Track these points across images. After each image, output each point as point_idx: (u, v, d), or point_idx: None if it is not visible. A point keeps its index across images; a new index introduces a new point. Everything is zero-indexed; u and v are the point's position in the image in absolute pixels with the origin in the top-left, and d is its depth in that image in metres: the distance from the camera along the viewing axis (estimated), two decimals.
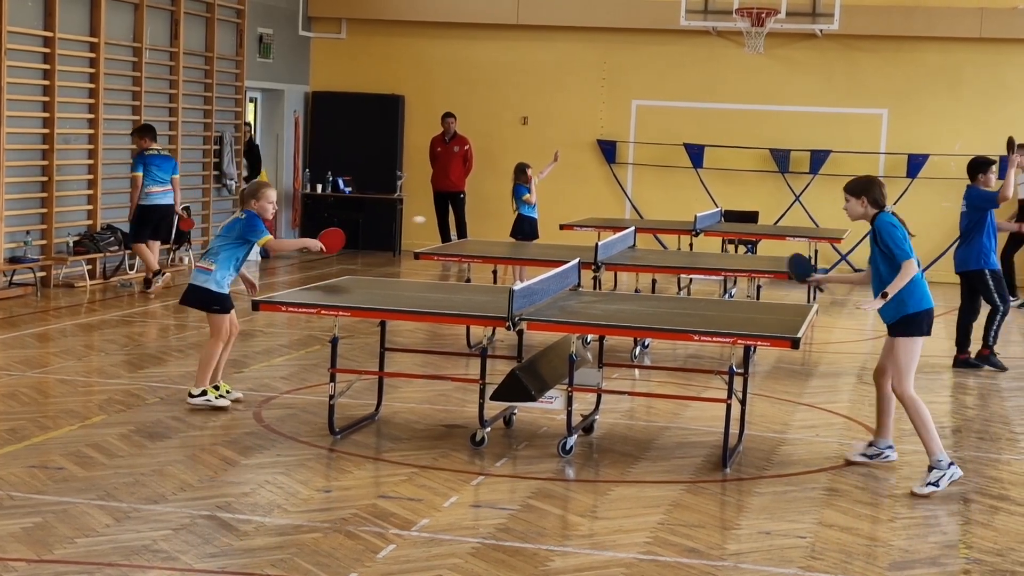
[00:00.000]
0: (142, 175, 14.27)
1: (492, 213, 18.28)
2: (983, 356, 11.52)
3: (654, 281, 12.87)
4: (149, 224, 14.49)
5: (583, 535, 6.48)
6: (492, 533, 6.35)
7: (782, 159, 19.04)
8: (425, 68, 20.18)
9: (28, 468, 7.17)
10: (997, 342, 11.52)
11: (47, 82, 14.44)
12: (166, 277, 14.62)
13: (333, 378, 8.16)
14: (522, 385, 7.85)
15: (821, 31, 18.18)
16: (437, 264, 17.64)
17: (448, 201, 19.21)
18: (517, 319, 7.60)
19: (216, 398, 8.87)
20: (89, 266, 14.99)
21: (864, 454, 7.98)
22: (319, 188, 19.99)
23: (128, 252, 15.27)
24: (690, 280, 14.00)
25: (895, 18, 18.52)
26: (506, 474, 7.55)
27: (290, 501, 6.78)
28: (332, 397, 8.16)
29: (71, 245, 14.89)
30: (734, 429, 7.95)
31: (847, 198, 7.66)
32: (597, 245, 11.15)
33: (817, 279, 8.49)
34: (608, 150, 19.64)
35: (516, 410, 8.65)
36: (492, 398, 7.97)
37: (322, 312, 8.16)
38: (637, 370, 10.87)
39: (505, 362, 9.45)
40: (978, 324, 11.54)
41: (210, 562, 5.78)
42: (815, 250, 15.32)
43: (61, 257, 14.68)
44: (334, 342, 8.12)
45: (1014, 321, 14.25)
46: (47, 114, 14.48)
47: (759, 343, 7.78)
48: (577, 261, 9.15)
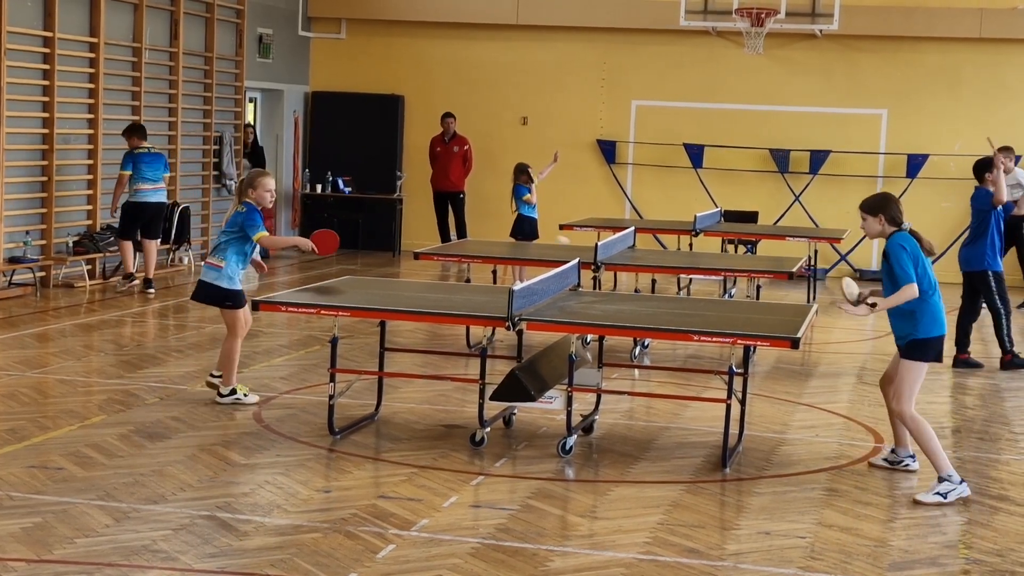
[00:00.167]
0: (129, 173, 14.32)
1: (492, 213, 18.27)
2: (1006, 362, 11.47)
3: (654, 281, 12.87)
4: (138, 221, 14.51)
5: (583, 535, 6.48)
6: (492, 533, 6.35)
7: (782, 159, 19.03)
8: (425, 68, 20.17)
9: (28, 468, 7.17)
10: (1014, 343, 11.52)
11: (47, 82, 14.44)
12: (135, 283, 14.59)
13: (333, 378, 8.16)
14: (522, 385, 7.85)
15: (821, 31, 18.17)
16: (437, 264, 17.64)
17: (448, 201, 19.21)
18: (517, 319, 7.60)
19: (244, 395, 8.98)
20: (89, 266, 14.99)
21: (886, 459, 7.96)
22: (319, 188, 19.99)
23: None
24: (690, 280, 14.00)
25: (895, 18, 18.51)
26: (506, 474, 7.55)
27: (290, 501, 6.78)
28: (332, 397, 8.16)
29: (71, 245, 14.89)
30: (734, 429, 7.95)
31: (864, 216, 7.51)
32: (597, 245, 11.15)
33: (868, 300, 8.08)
34: (608, 150, 19.63)
35: (516, 410, 8.64)
36: (492, 398, 7.97)
37: (322, 312, 8.16)
38: (637, 370, 10.86)
39: (505, 362, 9.45)
40: (983, 326, 11.52)
41: (210, 562, 5.78)
42: (815, 250, 15.31)
43: (61, 257, 14.68)
44: (334, 342, 8.12)
45: (1013, 322, 14.20)
46: (47, 114, 14.47)
47: (759, 343, 7.78)
48: (577, 261, 9.15)
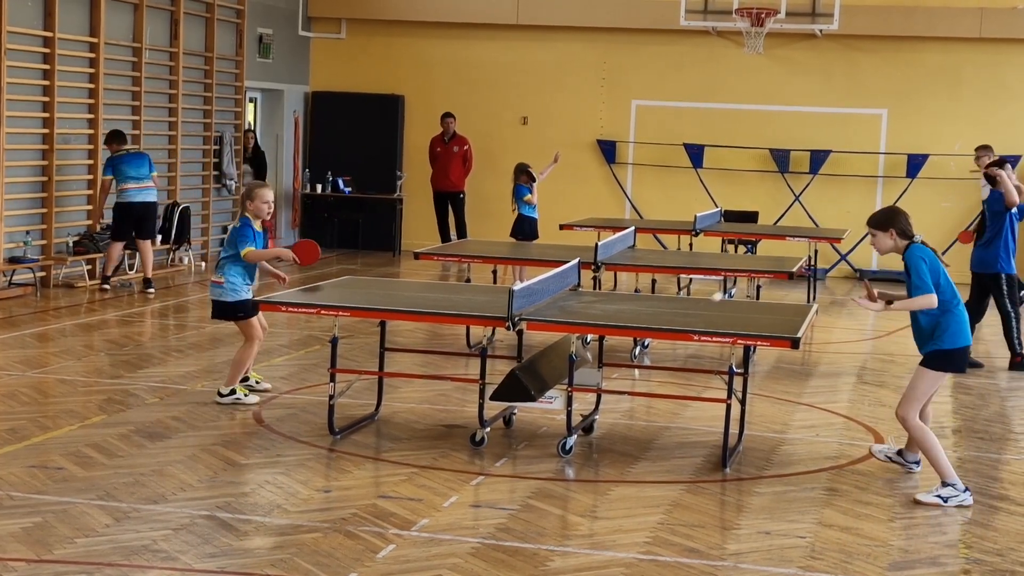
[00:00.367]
0: (111, 178, 14.40)
1: (492, 213, 18.27)
2: (1016, 364, 11.47)
3: (654, 281, 12.87)
4: (128, 222, 14.52)
5: (583, 535, 6.47)
6: (492, 533, 6.35)
7: (782, 159, 19.03)
8: (425, 68, 20.17)
9: (28, 468, 7.17)
10: (1023, 345, 11.53)
11: (47, 82, 14.43)
12: (112, 284, 14.58)
13: (333, 378, 8.16)
14: (522, 385, 7.85)
15: (821, 31, 18.17)
16: (437, 264, 17.64)
17: (448, 201, 19.21)
18: (517, 319, 7.60)
19: (245, 396, 9.00)
20: (89, 266, 14.98)
21: (888, 455, 7.94)
22: (319, 188, 19.99)
23: (127, 252, 15.26)
24: (690, 280, 14.00)
25: (895, 18, 18.51)
26: (506, 474, 7.55)
27: (290, 501, 6.78)
28: (332, 397, 8.16)
29: (71, 245, 14.89)
30: (734, 429, 7.94)
31: (873, 233, 7.39)
32: (597, 245, 11.15)
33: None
34: (608, 150, 19.63)
35: (516, 410, 8.64)
36: (492, 398, 7.97)
37: (322, 312, 8.16)
38: (637, 370, 10.86)
39: (505, 362, 9.45)
40: (983, 326, 11.51)
41: (210, 562, 5.78)
42: (815, 250, 15.30)
43: (61, 257, 14.68)
44: (334, 342, 8.12)
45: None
46: (47, 114, 14.47)
47: (759, 343, 7.77)
48: (577, 261, 9.14)
